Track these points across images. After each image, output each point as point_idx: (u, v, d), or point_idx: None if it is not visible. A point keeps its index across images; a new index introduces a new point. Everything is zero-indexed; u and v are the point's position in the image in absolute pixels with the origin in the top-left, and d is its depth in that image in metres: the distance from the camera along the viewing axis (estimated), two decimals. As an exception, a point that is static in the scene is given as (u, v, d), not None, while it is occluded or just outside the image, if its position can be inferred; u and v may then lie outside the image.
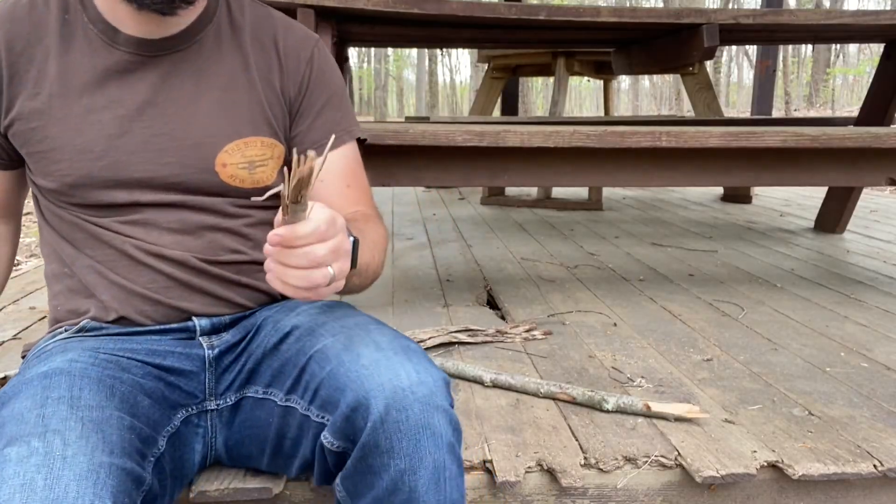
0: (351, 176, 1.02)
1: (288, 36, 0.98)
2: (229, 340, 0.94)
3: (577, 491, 1.01)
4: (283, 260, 0.66)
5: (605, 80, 5.19)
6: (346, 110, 1.02)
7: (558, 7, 2.23)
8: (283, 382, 0.87)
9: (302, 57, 0.97)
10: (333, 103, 1.00)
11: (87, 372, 0.78)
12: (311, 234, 0.64)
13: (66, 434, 0.66)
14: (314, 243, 0.65)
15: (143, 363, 0.87)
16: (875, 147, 1.78)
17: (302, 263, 0.65)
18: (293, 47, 0.97)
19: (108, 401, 0.75)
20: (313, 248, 0.65)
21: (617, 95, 12.20)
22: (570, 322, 1.80)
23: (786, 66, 20.98)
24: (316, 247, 0.65)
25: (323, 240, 0.66)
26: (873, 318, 1.86)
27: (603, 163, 1.80)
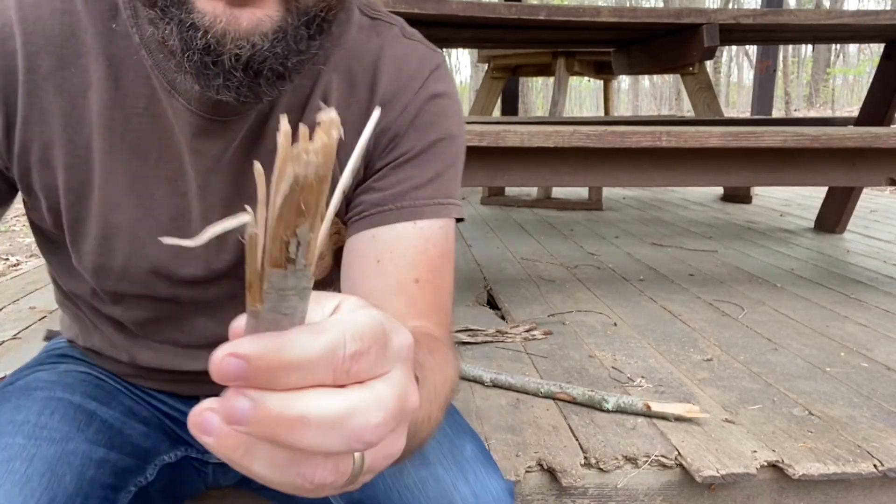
0: (427, 268, 0.64)
1: (392, 72, 0.67)
2: None
3: (577, 491, 1.01)
4: (274, 434, 0.25)
5: (605, 80, 5.18)
6: (443, 173, 0.68)
7: (558, 7, 2.24)
8: None
9: (403, 95, 0.67)
10: (425, 158, 0.66)
11: (71, 391, 0.71)
12: (319, 360, 0.25)
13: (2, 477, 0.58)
14: (333, 383, 0.26)
15: (150, 392, 0.80)
16: (875, 147, 1.78)
17: (290, 440, 0.25)
18: (394, 87, 0.67)
19: (80, 430, 0.67)
20: (322, 403, 0.25)
21: (617, 95, 12.20)
22: (570, 322, 1.80)
23: (786, 66, 20.98)
24: (329, 398, 0.25)
25: (350, 375, 0.26)
26: (873, 318, 1.86)
27: (603, 163, 1.80)
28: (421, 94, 0.66)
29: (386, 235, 0.64)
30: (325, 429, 0.25)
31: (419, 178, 0.65)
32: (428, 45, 0.70)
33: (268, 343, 0.24)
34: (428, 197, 0.65)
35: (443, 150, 0.67)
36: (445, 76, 0.69)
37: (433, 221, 0.65)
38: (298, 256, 0.24)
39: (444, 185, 0.67)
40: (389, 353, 0.27)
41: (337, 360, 0.25)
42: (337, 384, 0.26)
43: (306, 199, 0.23)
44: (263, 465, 0.26)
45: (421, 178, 0.65)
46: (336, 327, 0.26)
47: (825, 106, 27.94)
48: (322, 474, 0.27)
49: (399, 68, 0.66)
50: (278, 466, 0.26)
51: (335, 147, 0.23)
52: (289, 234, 0.24)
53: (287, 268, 0.24)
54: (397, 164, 0.66)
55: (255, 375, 0.24)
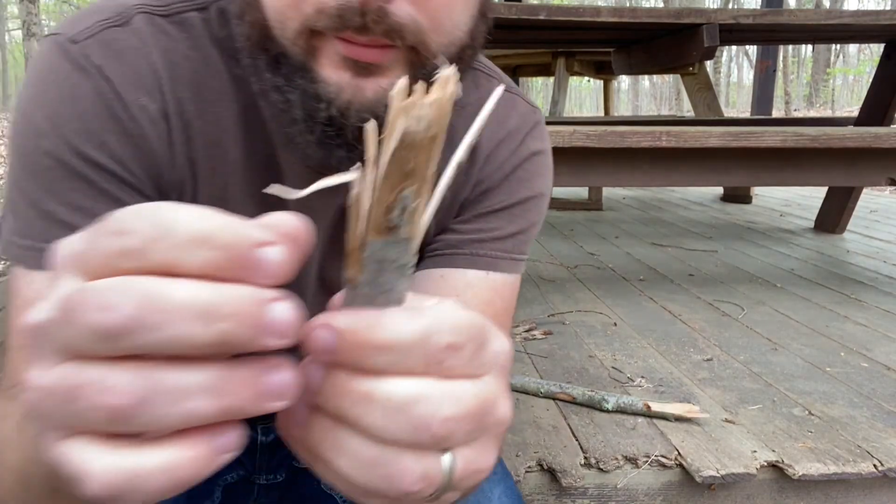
0: (492, 319, 0.58)
1: (492, 128, 0.64)
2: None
3: (577, 491, 1.01)
4: (340, 407, 0.25)
5: (605, 80, 5.19)
6: (526, 230, 0.66)
7: (558, 7, 2.24)
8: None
9: (501, 152, 0.65)
10: (513, 213, 0.65)
11: None
12: (412, 345, 0.24)
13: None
14: (423, 372, 0.24)
15: None
16: (875, 147, 1.78)
17: (386, 428, 0.24)
18: (493, 143, 0.64)
19: None
20: (394, 383, 0.24)
21: (617, 95, 12.20)
22: (570, 322, 1.80)
23: (786, 66, 20.99)
24: (403, 381, 0.24)
25: (442, 368, 0.25)
26: (873, 318, 1.86)
27: (603, 163, 1.80)
28: (519, 151, 0.65)
29: (455, 279, 0.62)
30: (391, 410, 0.23)
31: (502, 231, 0.64)
32: (528, 100, 0.69)
33: (362, 319, 0.24)
34: (506, 250, 0.64)
35: (530, 208, 0.66)
36: (543, 134, 0.67)
37: (505, 276, 0.64)
38: (402, 224, 0.23)
39: (524, 242, 0.66)
40: (486, 355, 0.26)
41: (430, 348, 0.24)
42: (428, 376, 0.24)
43: (416, 159, 0.22)
44: (349, 461, 0.24)
45: (504, 230, 0.64)
46: (435, 314, 0.25)
47: (825, 106, 27.95)
48: (410, 479, 0.24)
49: (499, 125, 0.64)
50: (364, 464, 0.24)
51: (451, 103, 0.22)
52: (394, 198, 0.23)
53: (389, 236, 0.23)
54: (483, 213, 0.64)
55: (345, 351, 0.24)
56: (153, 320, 0.20)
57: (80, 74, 0.50)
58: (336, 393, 0.24)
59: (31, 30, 11.81)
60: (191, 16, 0.54)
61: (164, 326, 0.21)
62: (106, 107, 0.50)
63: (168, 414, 0.21)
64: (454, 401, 0.24)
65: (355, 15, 0.44)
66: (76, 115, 0.49)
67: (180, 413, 0.21)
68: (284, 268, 0.23)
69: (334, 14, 0.45)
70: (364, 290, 0.25)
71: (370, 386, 0.24)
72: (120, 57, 0.51)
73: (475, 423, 0.25)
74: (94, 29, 0.50)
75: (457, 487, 0.27)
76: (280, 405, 0.23)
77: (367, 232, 0.24)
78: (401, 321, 0.24)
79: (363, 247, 0.24)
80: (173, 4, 0.54)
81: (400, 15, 0.45)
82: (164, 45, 0.52)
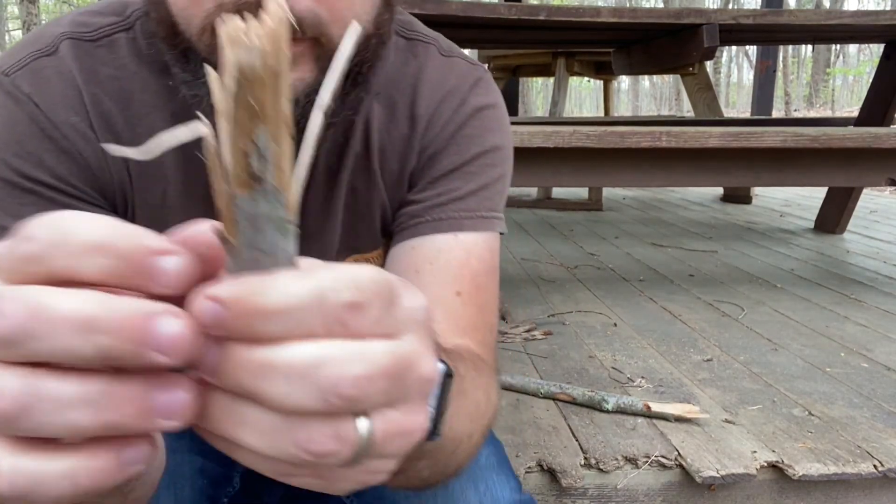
0: (470, 282, 0.61)
1: (431, 93, 0.65)
2: None
3: (577, 491, 1.01)
4: (239, 382, 0.23)
5: (605, 80, 5.19)
6: (488, 185, 0.66)
7: (558, 7, 2.24)
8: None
9: (443, 113, 0.64)
10: (468, 171, 0.64)
11: None
12: (305, 306, 0.22)
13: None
14: (326, 334, 0.23)
15: None
16: (875, 147, 1.78)
17: (291, 396, 0.22)
18: (433, 107, 0.65)
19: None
20: (292, 349, 0.22)
21: (617, 95, 12.20)
22: (570, 322, 1.80)
23: (786, 66, 20.99)
24: (302, 345, 0.22)
25: (348, 329, 0.23)
26: (873, 319, 1.86)
27: (603, 163, 1.80)
28: (462, 109, 0.64)
29: (426, 247, 0.61)
30: (294, 377, 0.22)
31: (461, 191, 0.63)
32: (468, 59, 0.68)
33: (247, 285, 0.22)
34: (470, 209, 0.63)
35: (487, 163, 0.65)
36: (488, 88, 0.67)
37: (476, 235, 0.63)
38: (266, 175, 0.22)
39: (488, 199, 0.64)
40: (399, 312, 0.24)
41: (328, 307, 0.22)
42: (332, 338, 0.22)
43: (261, 98, 0.21)
44: (255, 436, 0.23)
45: (462, 190, 0.63)
46: (328, 273, 0.23)
47: (825, 106, 27.95)
48: (320, 441, 0.23)
49: (437, 88, 0.64)
50: (269, 433, 0.23)
51: (285, 35, 0.21)
52: (247, 143, 0.21)
53: (255, 188, 0.22)
54: (436, 178, 0.64)
55: (234, 321, 0.22)
56: (38, 330, 0.21)
57: (13, 103, 0.54)
58: (233, 367, 0.22)
59: (31, 30, 11.81)
60: (117, 37, 0.58)
61: (46, 337, 0.21)
62: (40, 129, 0.54)
63: (49, 422, 0.21)
64: (363, 361, 0.22)
65: (253, 10, 0.45)
66: (14, 140, 0.54)
67: (62, 423, 0.21)
68: (182, 277, 0.22)
69: (232, 10, 0.45)
70: (245, 254, 0.23)
71: (267, 355, 0.22)
72: (47, 83, 0.55)
73: (392, 383, 0.23)
74: (25, 61, 0.55)
75: (384, 452, 0.25)
76: (172, 425, 0.23)
77: (232, 186, 0.22)
78: (289, 282, 0.22)
79: (232, 204, 0.22)
80: (100, 29, 0.58)
81: (298, 8, 0.46)
82: (88, 66, 0.56)
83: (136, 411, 0.22)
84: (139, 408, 0.22)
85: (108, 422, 0.22)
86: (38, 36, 0.57)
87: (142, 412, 0.22)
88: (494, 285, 0.64)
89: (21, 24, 13.30)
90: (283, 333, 0.22)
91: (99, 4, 0.60)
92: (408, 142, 0.64)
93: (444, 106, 0.64)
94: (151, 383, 0.22)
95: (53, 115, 0.55)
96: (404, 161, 0.64)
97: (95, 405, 0.22)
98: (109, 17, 0.58)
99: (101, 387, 0.22)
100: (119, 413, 0.22)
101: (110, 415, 0.22)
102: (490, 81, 0.68)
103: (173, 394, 0.22)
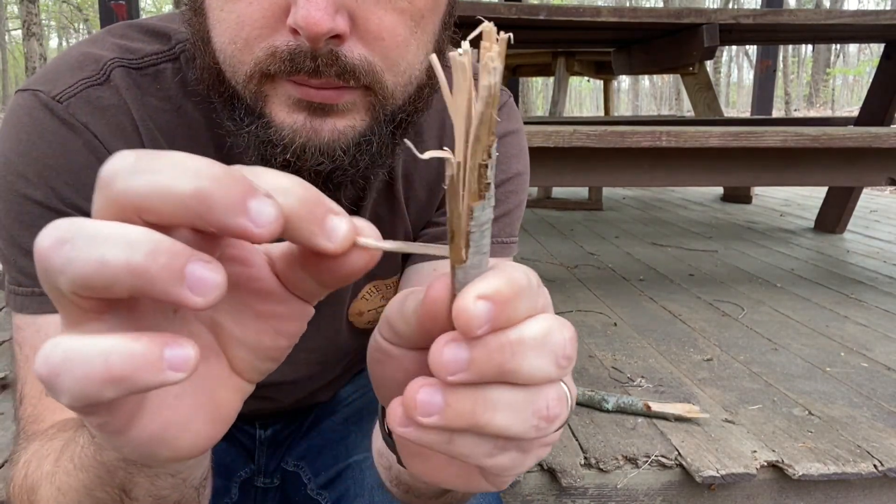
0: None
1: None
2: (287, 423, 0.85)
3: (577, 491, 1.01)
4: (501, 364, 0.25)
5: (605, 80, 5.18)
6: (509, 212, 0.66)
7: (558, 7, 2.24)
8: (315, 466, 0.76)
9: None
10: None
11: None
12: (529, 288, 0.27)
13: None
14: (539, 310, 0.28)
15: None
16: (875, 147, 1.78)
17: (535, 367, 0.26)
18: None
19: None
20: (529, 326, 0.26)
21: (617, 95, 12.21)
22: (569, 322, 1.80)
23: (786, 66, 20.99)
24: (530, 322, 0.27)
25: (539, 306, 0.28)
26: (873, 318, 1.86)
27: (603, 163, 1.80)
28: None
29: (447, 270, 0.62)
30: (538, 348, 0.25)
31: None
32: None
33: (499, 280, 0.25)
34: (492, 235, 0.62)
35: (510, 189, 0.66)
36: (511, 114, 0.67)
37: (496, 261, 0.62)
38: (491, 180, 0.24)
39: (509, 225, 0.66)
40: (547, 295, 0.29)
41: (533, 287, 0.27)
42: (537, 312, 0.27)
43: (495, 113, 0.23)
44: (506, 414, 0.26)
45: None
46: (514, 264, 0.27)
47: (825, 106, 27.95)
48: (555, 406, 0.27)
49: None
50: (518, 409, 0.26)
51: (504, 51, 0.23)
52: (486, 157, 0.23)
53: (485, 197, 0.24)
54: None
55: (501, 314, 0.25)
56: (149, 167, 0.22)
57: (68, 131, 0.52)
58: (493, 352, 0.25)
59: (31, 30, 11.81)
60: (163, 67, 0.56)
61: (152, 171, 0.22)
62: (97, 160, 0.52)
63: (79, 257, 0.21)
64: (566, 326, 0.28)
65: (307, 58, 0.44)
66: (68, 169, 0.52)
67: (93, 257, 0.21)
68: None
69: (286, 58, 0.44)
70: (473, 260, 0.25)
71: (519, 333, 0.25)
72: (104, 113, 0.53)
73: (577, 345, 0.28)
74: (78, 88, 0.53)
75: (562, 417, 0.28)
76: (196, 301, 0.22)
77: (468, 203, 0.24)
78: (512, 272, 0.26)
79: (469, 217, 0.24)
80: (147, 57, 0.56)
81: (352, 56, 0.45)
82: (139, 98, 0.55)
83: (169, 269, 0.22)
84: (173, 268, 0.22)
85: (139, 267, 0.21)
86: (82, 59, 0.54)
87: (175, 274, 0.22)
88: None
89: (21, 23, 13.30)
90: (524, 313, 0.26)
91: (138, 27, 0.59)
92: (436, 171, 0.64)
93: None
94: (194, 253, 0.22)
95: (110, 147, 0.53)
96: (433, 189, 0.65)
97: (132, 247, 0.21)
98: (154, 44, 0.57)
99: (144, 232, 0.22)
100: (153, 263, 0.21)
101: (143, 260, 0.21)
102: (513, 106, 0.68)
103: (211, 269, 0.22)
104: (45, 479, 0.40)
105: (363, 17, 0.45)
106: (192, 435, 0.28)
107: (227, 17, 0.46)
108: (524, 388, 0.26)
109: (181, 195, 0.22)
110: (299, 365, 0.70)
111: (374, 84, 0.47)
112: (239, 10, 0.45)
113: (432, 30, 0.50)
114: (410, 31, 0.47)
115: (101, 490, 0.36)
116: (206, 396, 0.28)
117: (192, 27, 0.50)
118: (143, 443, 0.27)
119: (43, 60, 11.86)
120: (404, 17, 0.46)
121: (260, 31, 0.45)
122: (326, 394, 0.83)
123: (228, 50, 0.46)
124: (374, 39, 0.46)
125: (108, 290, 0.22)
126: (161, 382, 0.22)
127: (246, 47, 0.45)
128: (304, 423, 0.85)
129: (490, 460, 0.28)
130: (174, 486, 0.36)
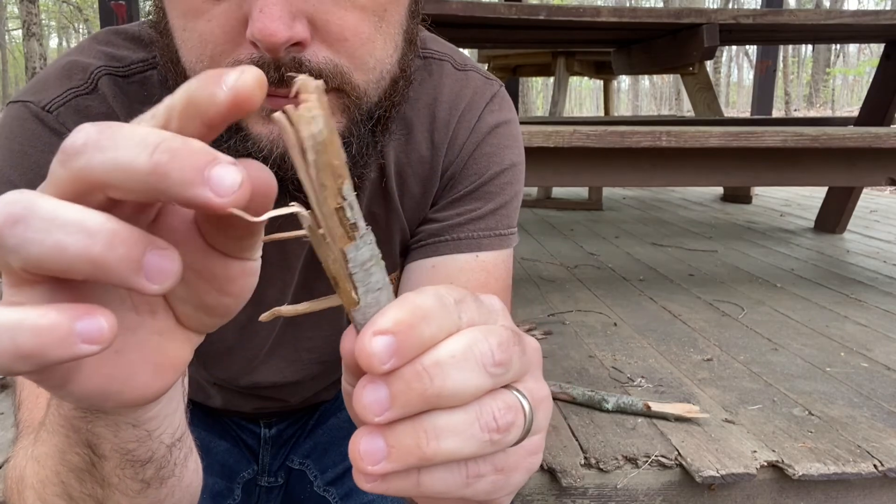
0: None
1: (447, 113, 0.65)
2: (290, 422, 0.86)
3: (577, 491, 1.01)
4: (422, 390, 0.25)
5: (605, 80, 5.18)
6: (506, 204, 0.67)
7: (558, 7, 2.24)
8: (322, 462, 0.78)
9: (460, 132, 0.65)
10: (486, 190, 0.65)
11: None
12: (436, 309, 0.26)
13: None
14: (457, 327, 0.26)
15: (212, 408, 0.78)
16: (875, 147, 1.78)
17: (461, 384, 0.25)
18: (450, 127, 0.65)
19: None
20: (445, 346, 0.25)
21: (617, 95, 12.21)
22: (570, 322, 1.80)
23: (786, 66, 20.99)
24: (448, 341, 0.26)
25: (463, 320, 0.27)
26: (873, 318, 1.86)
27: (603, 163, 1.80)
28: (478, 128, 0.64)
29: (447, 266, 0.63)
30: (460, 363, 0.25)
31: (480, 210, 0.64)
32: (482, 72, 0.68)
33: (398, 311, 0.24)
34: (489, 228, 0.64)
35: (505, 181, 0.65)
36: (502, 104, 0.67)
37: (495, 254, 0.64)
38: (357, 219, 0.24)
39: (506, 216, 0.66)
40: (483, 306, 0.28)
41: (447, 307, 0.26)
42: (460, 329, 0.26)
43: (332, 157, 0.23)
44: (450, 437, 0.25)
45: (482, 210, 0.64)
46: (427, 286, 0.27)
47: (825, 106, 27.95)
48: (501, 414, 0.26)
49: (453, 107, 0.64)
50: (462, 429, 0.25)
51: (324, 95, 0.23)
52: (339, 200, 0.24)
53: (355, 237, 0.24)
54: (456, 198, 0.65)
55: (403, 344, 0.24)
56: (103, 143, 0.22)
57: (59, 140, 0.53)
58: (409, 383, 0.24)
59: (31, 30, 11.80)
60: (149, 74, 0.57)
61: (110, 149, 0.22)
62: None
63: (33, 239, 0.21)
64: (494, 333, 0.26)
65: (271, 69, 0.44)
66: None
67: (48, 242, 0.21)
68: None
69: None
70: (366, 300, 0.25)
71: (435, 356, 0.25)
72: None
73: (518, 350, 0.27)
74: (66, 97, 0.53)
75: (538, 423, 0.28)
76: (153, 289, 0.22)
77: (338, 245, 0.24)
78: (415, 297, 0.25)
79: (344, 261, 0.25)
80: (133, 65, 0.57)
81: (316, 61, 0.45)
82: (126, 106, 0.55)
83: (127, 260, 0.22)
84: (131, 258, 0.22)
85: (97, 258, 0.21)
86: (70, 69, 0.55)
87: (133, 265, 0.22)
88: (509, 303, 0.66)
89: (21, 23, 13.30)
90: (434, 337, 0.25)
91: (124, 34, 0.59)
92: (429, 165, 0.64)
93: (461, 125, 0.64)
94: (151, 241, 0.22)
95: None
96: (427, 184, 0.65)
97: (90, 236, 0.21)
98: (140, 51, 0.57)
99: (103, 220, 0.22)
100: (111, 253, 0.21)
101: (101, 250, 0.21)
102: (504, 96, 0.68)
103: (167, 257, 0.23)
104: (30, 458, 0.40)
105: (323, 19, 0.45)
106: (139, 385, 0.28)
107: (189, 37, 0.46)
108: (462, 408, 0.25)
109: (140, 172, 0.21)
110: (301, 365, 0.70)
111: (344, 85, 0.47)
112: (200, 28, 0.45)
113: (398, 21, 0.50)
114: (374, 27, 0.47)
115: (72, 452, 0.36)
116: (151, 349, 0.28)
117: (160, 49, 0.51)
118: (85, 396, 0.27)
119: (43, 60, 11.86)
120: (366, 14, 0.46)
121: (223, 46, 0.45)
122: (330, 392, 0.83)
123: (197, 69, 0.47)
124: (337, 41, 0.46)
125: (63, 273, 0.22)
126: (73, 356, 0.22)
127: (212, 64, 0.45)
128: (308, 421, 0.86)
129: (470, 490, 0.27)
130: (139, 438, 0.35)
